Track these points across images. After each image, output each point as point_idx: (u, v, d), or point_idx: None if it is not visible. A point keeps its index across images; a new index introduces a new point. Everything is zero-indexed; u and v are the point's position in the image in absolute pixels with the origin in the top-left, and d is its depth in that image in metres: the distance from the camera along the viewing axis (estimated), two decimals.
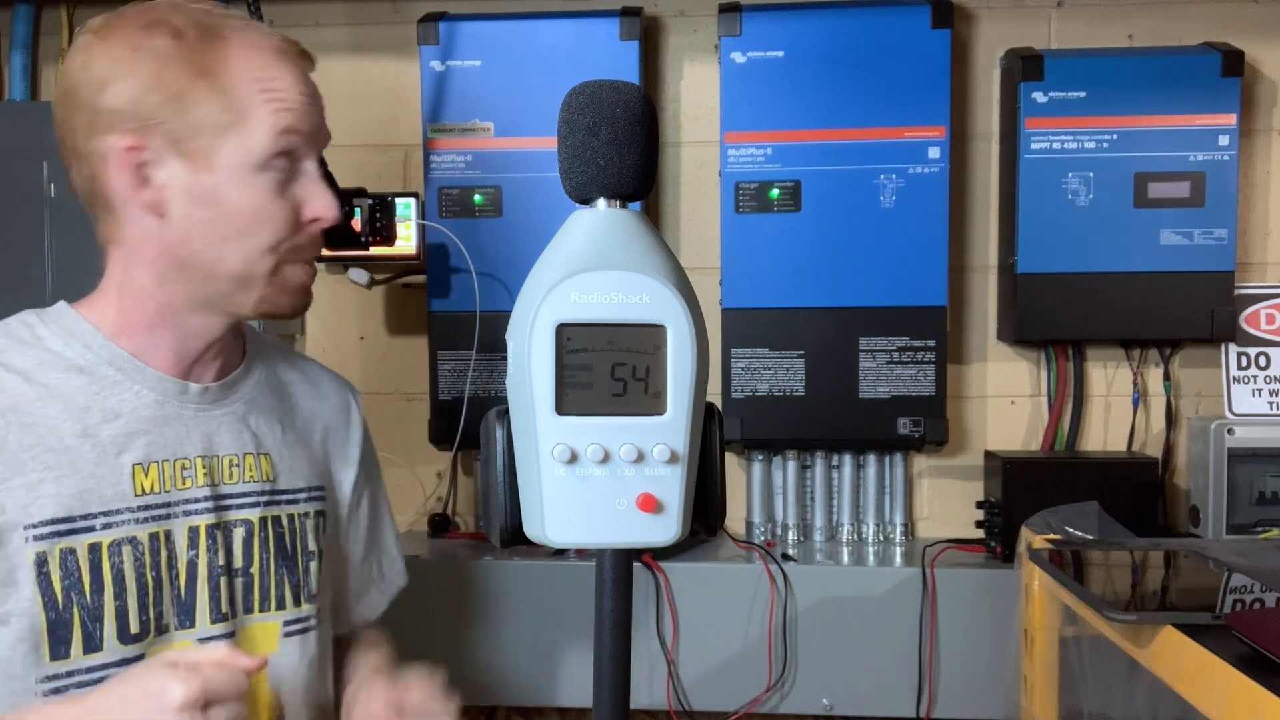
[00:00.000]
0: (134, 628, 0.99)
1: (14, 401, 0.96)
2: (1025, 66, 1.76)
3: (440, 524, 1.93)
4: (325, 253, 1.78)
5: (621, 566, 0.64)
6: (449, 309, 1.85)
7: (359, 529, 1.23)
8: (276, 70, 1.00)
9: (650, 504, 0.62)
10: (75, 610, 0.96)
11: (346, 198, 1.72)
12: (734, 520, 1.94)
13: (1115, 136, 1.75)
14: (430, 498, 2.00)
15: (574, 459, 0.61)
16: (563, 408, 0.61)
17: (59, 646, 0.96)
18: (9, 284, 1.64)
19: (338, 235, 1.75)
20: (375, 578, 1.27)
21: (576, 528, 0.62)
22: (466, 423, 1.83)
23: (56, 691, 0.95)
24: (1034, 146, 1.76)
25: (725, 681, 1.70)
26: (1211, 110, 1.74)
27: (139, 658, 0.99)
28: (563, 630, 1.72)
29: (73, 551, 0.96)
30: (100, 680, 0.96)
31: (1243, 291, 1.77)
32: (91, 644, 0.97)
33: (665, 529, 0.62)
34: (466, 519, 2.00)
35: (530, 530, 0.63)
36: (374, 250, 1.79)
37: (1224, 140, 1.74)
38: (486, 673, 1.74)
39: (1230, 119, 1.74)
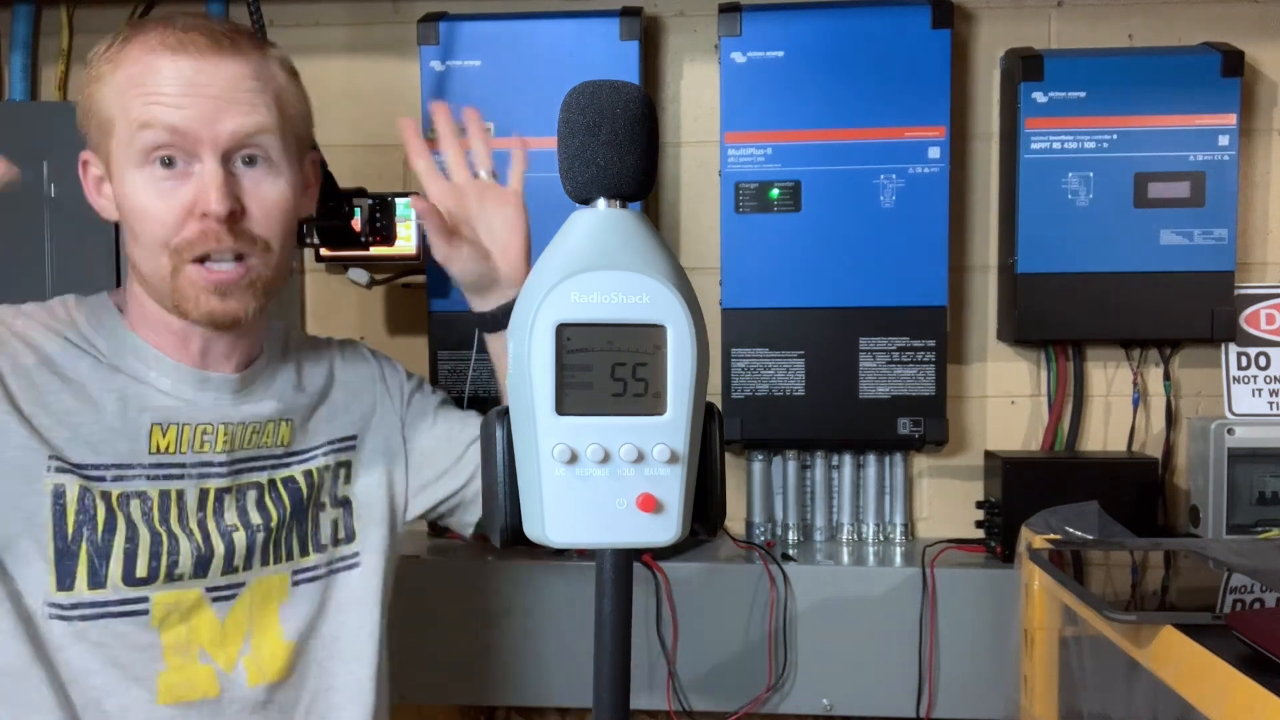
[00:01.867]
0: (140, 572, 1.02)
1: (51, 356, 1.02)
2: (1025, 66, 1.76)
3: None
4: (325, 253, 1.79)
5: (621, 566, 0.64)
6: (449, 309, 1.85)
7: (436, 443, 1.27)
8: (156, 65, 0.98)
9: (650, 504, 0.62)
10: (84, 544, 1.00)
11: (346, 198, 1.72)
12: (734, 520, 1.94)
13: (1115, 136, 1.75)
14: None
15: (574, 459, 0.61)
16: (563, 408, 0.61)
17: (65, 578, 1.00)
18: (9, 284, 1.64)
19: (338, 235, 1.75)
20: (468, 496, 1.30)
21: (576, 528, 0.62)
22: None
23: (63, 619, 0.99)
24: (1034, 146, 1.76)
25: (725, 682, 1.70)
26: (1211, 110, 1.73)
27: (143, 599, 1.03)
28: (563, 630, 1.72)
29: (89, 491, 1.00)
30: (103, 617, 1.01)
31: (1243, 291, 1.77)
32: (96, 580, 1.00)
33: (665, 529, 0.62)
34: None
35: (530, 530, 0.63)
36: (374, 250, 1.78)
37: (1224, 140, 1.74)
38: (486, 673, 1.74)
39: (1230, 119, 1.73)
